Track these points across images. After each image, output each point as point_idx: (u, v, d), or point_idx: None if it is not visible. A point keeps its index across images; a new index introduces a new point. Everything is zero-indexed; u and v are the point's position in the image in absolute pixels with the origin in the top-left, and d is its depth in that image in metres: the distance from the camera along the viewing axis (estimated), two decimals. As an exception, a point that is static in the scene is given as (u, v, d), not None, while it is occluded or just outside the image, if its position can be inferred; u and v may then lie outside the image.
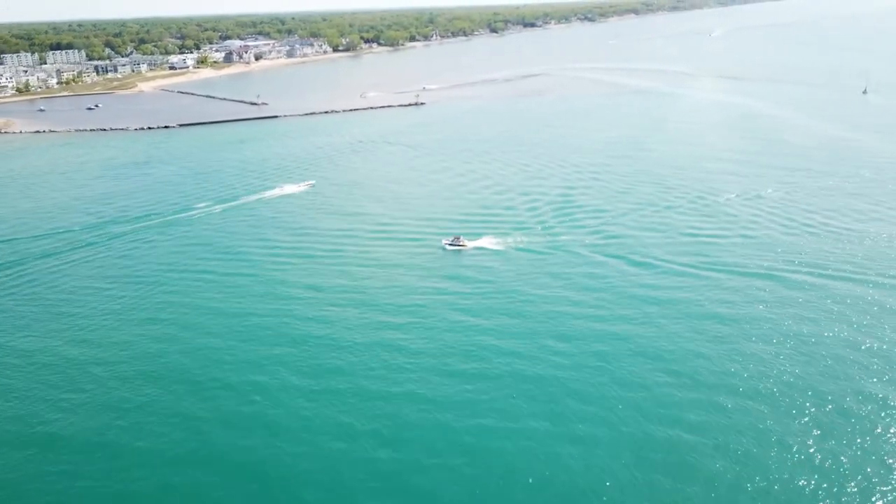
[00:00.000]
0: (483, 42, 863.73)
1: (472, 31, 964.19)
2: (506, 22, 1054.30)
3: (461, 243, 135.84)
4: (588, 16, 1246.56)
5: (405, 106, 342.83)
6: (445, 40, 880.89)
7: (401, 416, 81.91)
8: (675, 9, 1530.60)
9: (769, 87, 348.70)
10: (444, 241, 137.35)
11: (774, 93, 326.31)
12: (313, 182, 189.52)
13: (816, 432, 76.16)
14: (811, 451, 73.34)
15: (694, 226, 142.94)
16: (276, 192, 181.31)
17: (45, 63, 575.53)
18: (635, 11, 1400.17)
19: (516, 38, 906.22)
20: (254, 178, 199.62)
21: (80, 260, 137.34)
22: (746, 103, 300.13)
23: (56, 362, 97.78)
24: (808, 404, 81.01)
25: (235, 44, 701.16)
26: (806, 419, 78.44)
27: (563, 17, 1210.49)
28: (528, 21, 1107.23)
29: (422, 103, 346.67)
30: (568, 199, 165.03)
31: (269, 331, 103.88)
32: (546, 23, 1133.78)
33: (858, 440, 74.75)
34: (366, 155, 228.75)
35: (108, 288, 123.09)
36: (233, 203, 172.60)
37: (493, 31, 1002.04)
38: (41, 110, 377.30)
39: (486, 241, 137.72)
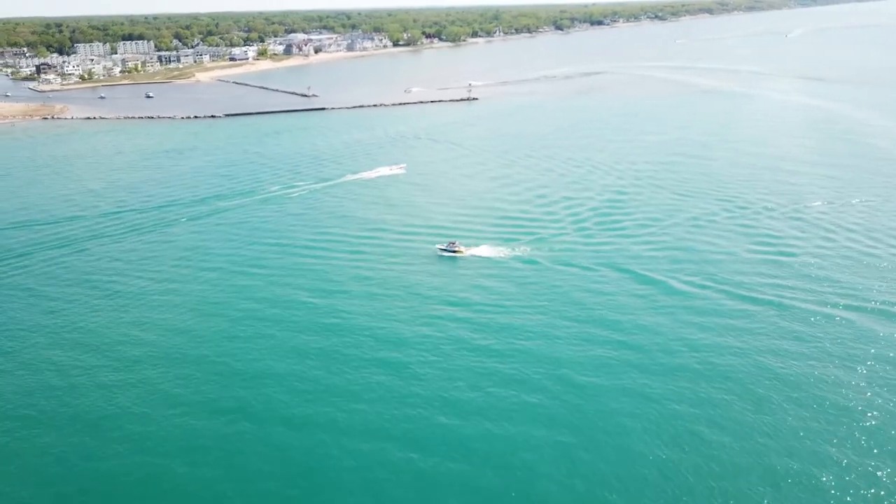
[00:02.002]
0: (547, 39, 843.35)
1: (537, 28, 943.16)
2: (572, 20, 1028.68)
3: (457, 249, 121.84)
4: (658, 14, 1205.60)
5: (457, 101, 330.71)
6: (508, 37, 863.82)
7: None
8: (751, 9, 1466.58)
9: (853, 89, 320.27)
10: (437, 247, 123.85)
11: (859, 95, 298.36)
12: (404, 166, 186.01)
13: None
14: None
15: (752, 247, 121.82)
16: (289, 190, 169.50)
17: (116, 53, 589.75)
18: (709, 11, 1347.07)
19: (581, 36, 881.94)
20: (269, 174, 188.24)
21: (79, 253, 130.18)
22: (827, 106, 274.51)
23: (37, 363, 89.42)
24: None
25: (299, 37, 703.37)
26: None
27: (633, 15, 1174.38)
28: (595, 19, 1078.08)
29: (474, 99, 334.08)
30: (607, 207, 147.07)
31: (224, 358, 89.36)
32: (614, 21, 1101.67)
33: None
34: (399, 151, 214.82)
35: (99, 285, 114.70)
36: (238, 200, 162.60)
37: (559, 28, 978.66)
38: (102, 97, 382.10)
39: (488, 249, 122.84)
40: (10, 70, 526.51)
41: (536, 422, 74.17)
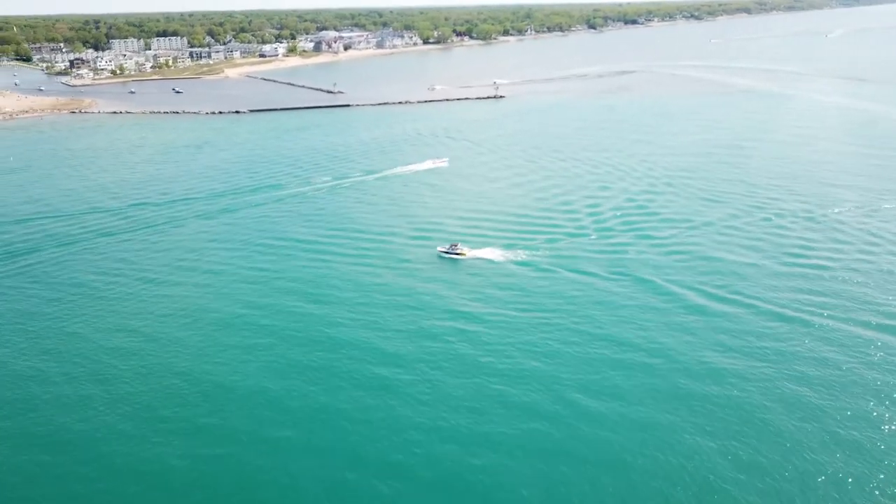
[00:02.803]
0: (579, 38, 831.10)
1: (570, 26, 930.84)
2: (605, 18, 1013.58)
3: (458, 251, 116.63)
4: (694, 14, 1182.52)
5: (483, 99, 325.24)
6: (540, 35, 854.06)
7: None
8: (791, 8, 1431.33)
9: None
10: (438, 248, 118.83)
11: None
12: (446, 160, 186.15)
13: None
14: None
15: (784, 258, 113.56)
16: (303, 189, 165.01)
17: (149, 49, 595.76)
18: (747, 10, 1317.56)
19: (615, 35, 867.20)
20: (285, 172, 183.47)
21: (81, 251, 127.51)
22: (869, 108, 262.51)
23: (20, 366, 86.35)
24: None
25: (330, 34, 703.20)
26: None
27: (668, 14, 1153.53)
28: (629, 18, 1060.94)
29: (501, 96, 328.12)
30: (628, 211, 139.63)
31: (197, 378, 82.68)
32: (648, 20, 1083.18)
33: None
34: (413, 151, 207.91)
35: (93, 286, 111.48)
36: (250, 198, 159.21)
37: (592, 27, 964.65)
38: (132, 92, 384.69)
39: (493, 252, 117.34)
40: (45, 65, 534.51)
41: (537, 452, 68.06)
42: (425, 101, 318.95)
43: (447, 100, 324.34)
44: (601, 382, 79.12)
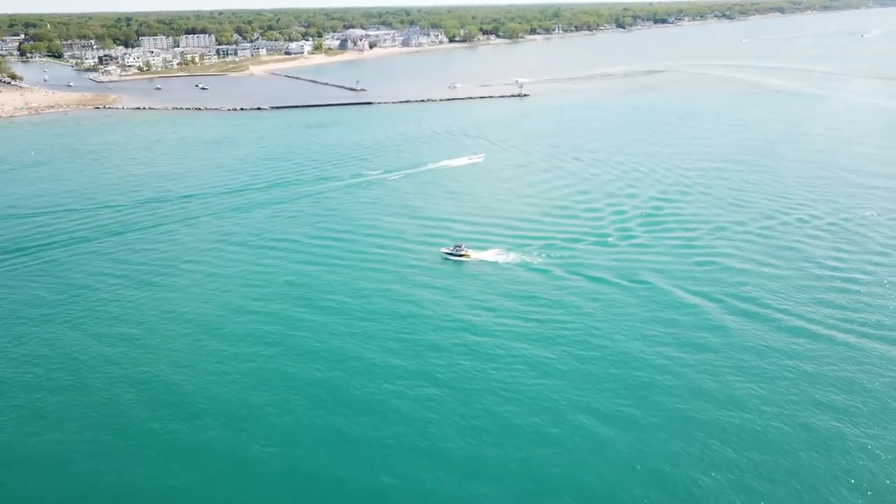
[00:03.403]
0: (608, 37, 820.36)
1: (598, 25, 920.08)
2: (635, 17, 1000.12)
3: (463, 253, 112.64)
4: (726, 13, 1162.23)
5: (507, 97, 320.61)
6: (568, 34, 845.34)
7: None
8: (826, 8, 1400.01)
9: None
10: (442, 250, 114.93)
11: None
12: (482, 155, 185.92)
13: None
14: None
15: (813, 270, 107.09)
16: (317, 187, 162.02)
17: (178, 46, 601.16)
18: (780, 10, 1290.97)
19: (644, 34, 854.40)
20: (298, 170, 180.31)
21: (81, 250, 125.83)
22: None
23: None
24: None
25: (356, 32, 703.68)
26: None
27: (699, 13, 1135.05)
28: (658, 17, 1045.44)
29: (525, 95, 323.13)
30: (648, 215, 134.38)
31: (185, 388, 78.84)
32: (679, 19, 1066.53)
33: None
34: (429, 150, 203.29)
35: (85, 287, 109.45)
36: (260, 196, 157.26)
37: (620, 26, 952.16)
38: (157, 88, 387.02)
39: (500, 255, 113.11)
40: (75, 61, 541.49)
41: (536, 480, 63.72)
42: (447, 100, 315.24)
43: (469, 98, 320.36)
44: (610, 403, 74.30)
